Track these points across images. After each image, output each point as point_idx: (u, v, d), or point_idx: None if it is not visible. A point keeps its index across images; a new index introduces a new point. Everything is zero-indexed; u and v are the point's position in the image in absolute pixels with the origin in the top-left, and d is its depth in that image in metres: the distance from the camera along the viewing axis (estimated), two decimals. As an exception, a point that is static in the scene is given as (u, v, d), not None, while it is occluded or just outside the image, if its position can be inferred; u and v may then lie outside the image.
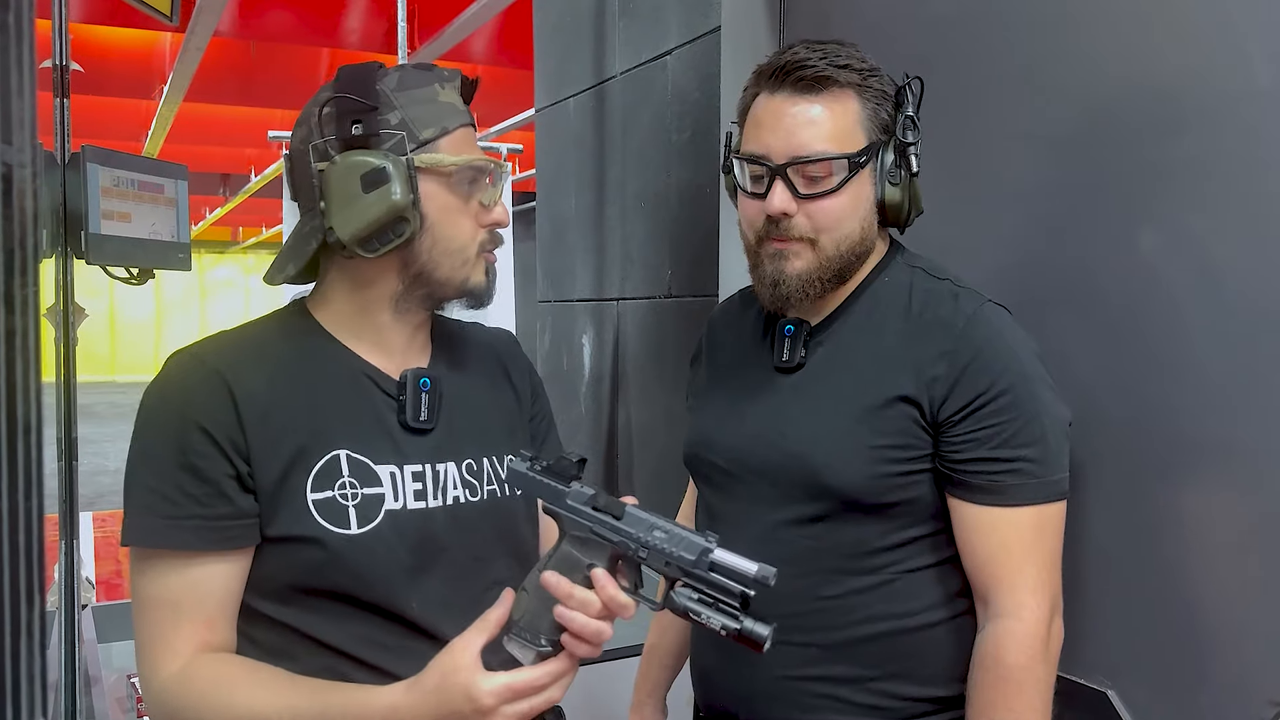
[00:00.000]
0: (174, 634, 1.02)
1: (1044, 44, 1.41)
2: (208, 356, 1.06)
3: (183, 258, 1.91)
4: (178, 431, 1.02)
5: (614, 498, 0.96)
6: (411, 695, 0.96)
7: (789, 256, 1.20)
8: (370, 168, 1.04)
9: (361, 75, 1.07)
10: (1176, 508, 1.26)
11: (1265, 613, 1.17)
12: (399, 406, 1.11)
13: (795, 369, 1.26)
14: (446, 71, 1.12)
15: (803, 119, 1.18)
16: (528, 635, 0.96)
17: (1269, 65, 1.15)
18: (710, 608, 0.90)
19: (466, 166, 1.09)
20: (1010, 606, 1.15)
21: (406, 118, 1.07)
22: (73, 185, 1.68)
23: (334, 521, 1.04)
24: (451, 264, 1.10)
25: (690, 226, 2.37)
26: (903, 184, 1.22)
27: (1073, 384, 1.35)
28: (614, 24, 2.71)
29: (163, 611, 1.02)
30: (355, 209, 1.04)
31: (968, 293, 1.22)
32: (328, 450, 1.06)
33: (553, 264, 3.06)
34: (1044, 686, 1.15)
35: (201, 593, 1.03)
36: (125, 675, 1.85)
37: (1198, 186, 1.22)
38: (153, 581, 1.03)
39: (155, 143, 8.45)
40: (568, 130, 2.96)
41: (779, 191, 1.18)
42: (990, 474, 1.15)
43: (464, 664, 0.95)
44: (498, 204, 1.12)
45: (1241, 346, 1.18)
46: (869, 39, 1.36)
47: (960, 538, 1.19)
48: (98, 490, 8.71)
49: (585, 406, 2.92)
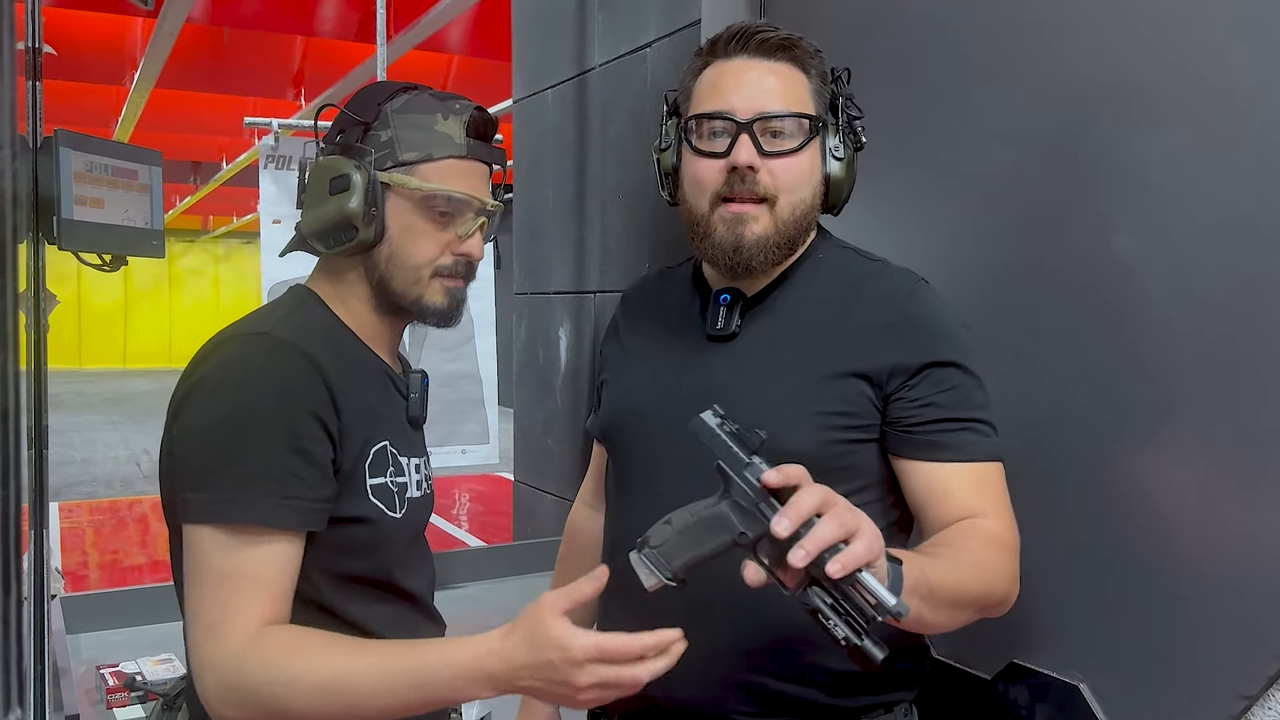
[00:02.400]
0: (251, 606, 1.02)
1: (1021, 43, 1.42)
2: (288, 337, 1.10)
3: (156, 245, 1.89)
4: (288, 416, 1.05)
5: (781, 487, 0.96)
6: (505, 644, 0.97)
7: (747, 221, 1.20)
8: (338, 173, 1.13)
9: (375, 92, 1.18)
10: (1150, 502, 1.27)
11: (1236, 607, 1.18)
12: (409, 403, 1.23)
13: (729, 338, 1.26)
14: (459, 104, 1.19)
15: (768, 80, 1.21)
16: (660, 559, 0.99)
17: (1245, 64, 1.17)
18: (839, 615, 0.92)
19: (438, 194, 1.15)
20: (998, 524, 1.17)
21: (395, 138, 1.15)
22: (45, 170, 1.65)
23: (387, 505, 1.14)
24: (405, 279, 1.17)
25: (668, 220, 2.37)
26: (846, 160, 1.25)
27: (1048, 380, 1.37)
28: (593, 15, 2.71)
29: (240, 585, 1.02)
30: (317, 207, 1.15)
31: (903, 271, 1.27)
32: (379, 440, 1.15)
33: (529, 256, 3.05)
34: (1006, 577, 1.15)
35: (277, 568, 1.05)
36: (94, 666, 1.82)
37: (1174, 184, 1.24)
38: (233, 555, 1.03)
39: (126, 129, 8.36)
40: (546, 122, 2.95)
41: (745, 145, 1.19)
42: (951, 431, 1.18)
43: (553, 617, 0.96)
44: (471, 238, 1.18)
45: (1216, 343, 1.19)
46: (848, 35, 1.37)
47: (926, 501, 1.19)
48: (64, 480, 8.61)
49: (561, 400, 2.92)
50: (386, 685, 0.99)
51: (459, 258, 1.18)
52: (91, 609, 2.12)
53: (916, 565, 1.03)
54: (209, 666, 1.02)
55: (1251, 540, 1.16)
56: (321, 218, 1.14)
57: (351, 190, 1.12)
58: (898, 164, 1.30)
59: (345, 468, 1.10)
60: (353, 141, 1.15)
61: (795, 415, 1.19)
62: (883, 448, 1.22)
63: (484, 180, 1.20)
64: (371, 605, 1.14)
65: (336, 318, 1.19)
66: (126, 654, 1.86)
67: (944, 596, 1.07)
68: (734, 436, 0.99)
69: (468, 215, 1.17)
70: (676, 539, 0.99)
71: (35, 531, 1.69)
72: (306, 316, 1.17)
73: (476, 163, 1.18)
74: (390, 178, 1.14)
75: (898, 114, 1.30)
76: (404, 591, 1.19)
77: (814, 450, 1.18)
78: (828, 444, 1.19)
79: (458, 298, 1.20)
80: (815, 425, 1.19)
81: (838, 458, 1.19)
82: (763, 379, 1.22)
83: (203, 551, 1.04)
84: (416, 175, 1.15)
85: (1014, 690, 1.43)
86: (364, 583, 1.14)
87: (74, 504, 7.78)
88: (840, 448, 1.19)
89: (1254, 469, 1.16)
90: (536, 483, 3.10)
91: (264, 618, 1.03)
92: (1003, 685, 1.44)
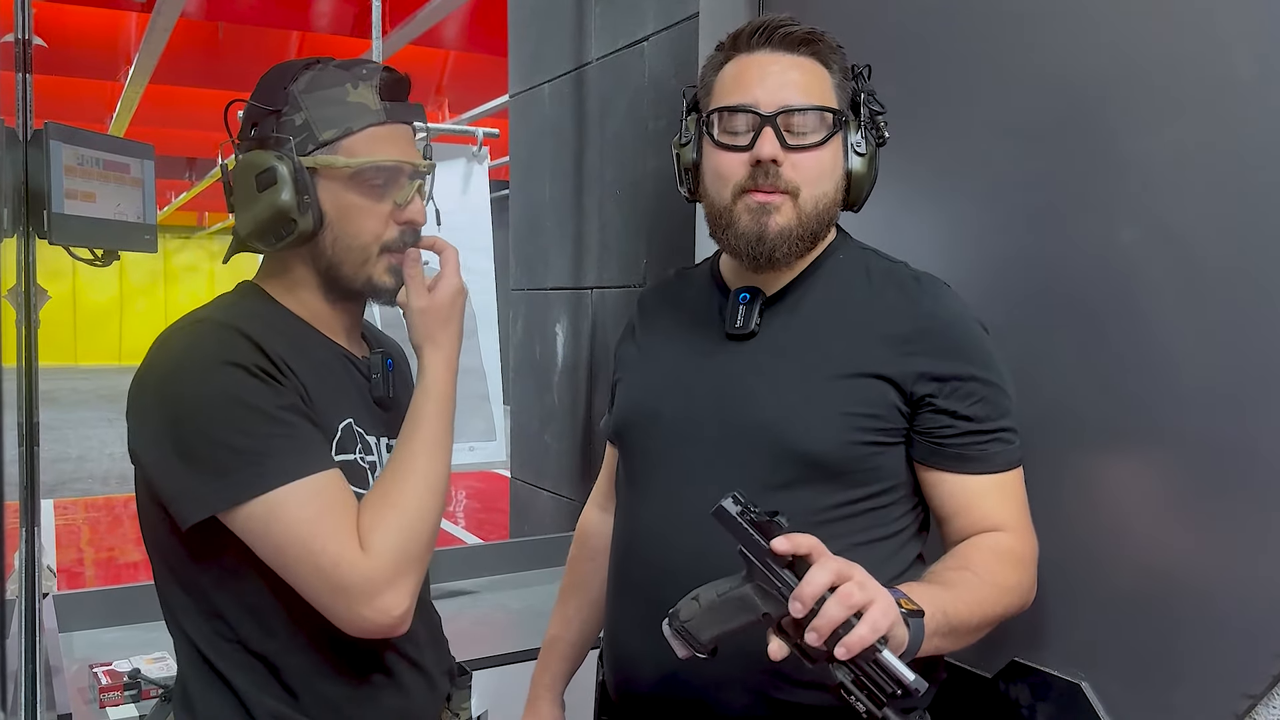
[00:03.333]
0: (346, 525, 1.03)
1: (1023, 36, 1.40)
2: (237, 323, 1.08)
3: (148, 239, 1.87)
4: (261, 384, 1.03)
5: (807, 564, 0.99)
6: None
7: (770, 211, 1.19)
8: (262, 169, 1.09)
9: (275, 77, 1.13)
10: (1152, 501, 1.26)
11: (1239, 605, 1.17)
12: (371, 384, 1.21)
13: (748, 336, 1.25)
14: (366, 69, 1.14)
15: (792, 73, 1.20)
16: (690, 632, 1.04)
17: (1249, 56, 1.15)
18: (860, 689, 0.95)
19: (368, 166, 1.11)
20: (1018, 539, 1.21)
21: (310, 119, 1.10)
22: (35, 163, 1.63)
23: (356, 483, 1.11)
24: (354, 261, 1.14)
25: (667, 215, 2.36)
26: (869, 156, 1.24)
27: (1050, 377, 1.36)
28: (590, 9, 2.69)
29: (323, 516, 1.02)
30: (250, 207, 1.11)
31: (927, 275, 1.26)
32: (342, 417, 1.14)
33: (526, 252, 3.04)
34: (1024, 591, 1.19)
35: (339, 485, 1.06)
36: (87, 665, 1.81)
37: (1178, 179, 1.22)
38: (298, 508, 1.01)
39: (121, 124, 8.32)
40: (543, 116, 2.94)
41: (769, 138, 1.18)
42: (981, 444, 1.19)
43: None
44: (411, 203, 1.15)
45: (1221, 341, 1.18)
46: (847, 28, 1.35)
47: (953, 512, 1.22)
48: (59, 477, 8.60)
49: (559, 396, 2.90)
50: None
51: (404, 227, 1.15)
52: (84, 607, 2.11)
53: (939, 606, 1.06)
54: (368, 591, 1.02)
55: (1255, 538, 1.15)
56: (255, 217, 1.10)
57: (280, 183, 1.08)
58: (898, 159, 1.29)
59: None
60: (268, 132, 1.10)
61: (819, 416, 1.19)
62: (907, 452, 1.22)
63: (410, 141, 1.17)
64: None
65: (285, 309, 1.17)
66: (119, 652, 1.85)
67: (966, 628, 1.11)
68: (754, 525, 1.01)
69: (401, 181, 1.14)
70: (705, 615, 1.04)
71: (26, 529, 1.67)
72: (248, 307, 1.15)
73: (398, 125, 1.15)
74: (315, 161, 1.10)
75: (897, 109, 1.28)
76: None
77: (837, 451, 1.18)
78: (851, 445, 1.18)
79: (402, 274, 1.17)
80: (839, 426, 1.18)
81: (860, 460, 1.19)
82: (785, 379, 1.21)
83: (271, 519, 1.01)
84: (341, 152, 1.11)
85: (1016, 689, 1.42)
86: None
87: (69, 501, 7.76)
88: (863, 449, 1.19)
89: (1256, 466, 1.15)
90: (533, 480, 3.09)
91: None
92: (1004, 684, 1.43)
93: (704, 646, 1.04)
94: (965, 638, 1.13)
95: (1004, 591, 1.16)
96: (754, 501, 1.01)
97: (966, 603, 1.11)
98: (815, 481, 1.18)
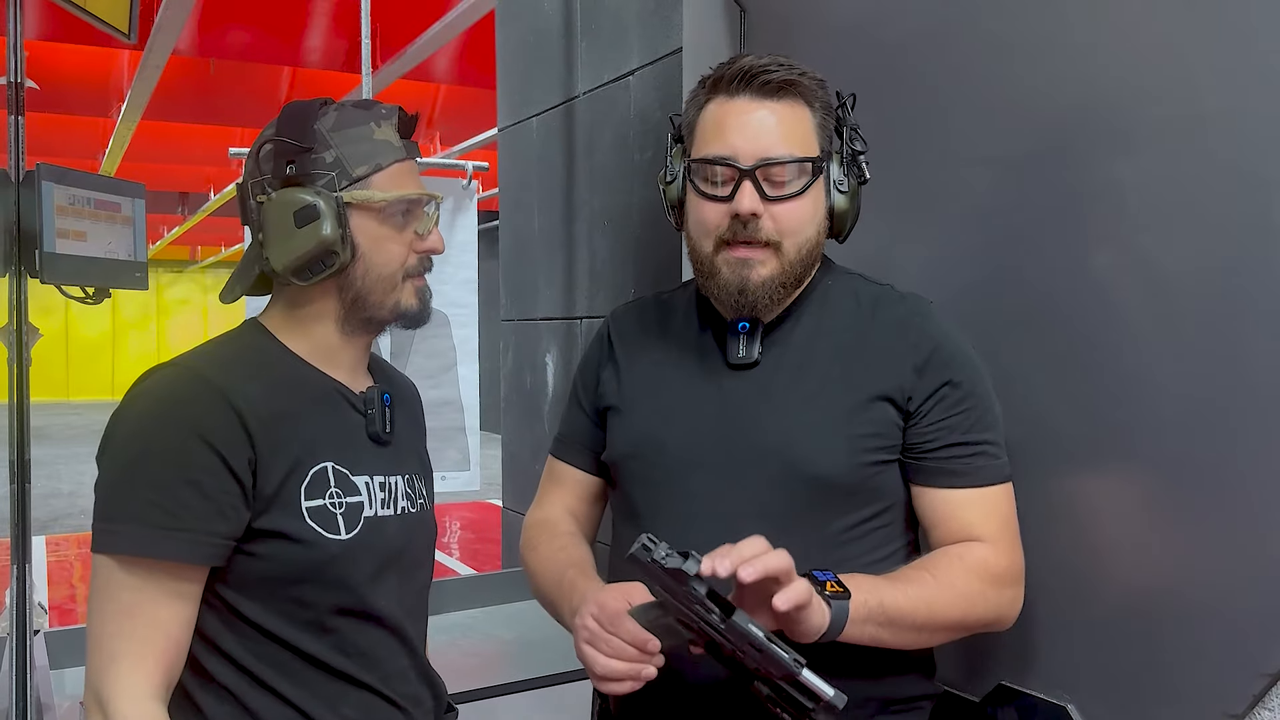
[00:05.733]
0: (148, 655, 1.08)
1: (998, 67, 1.43)
2: (204, 371, 1.12)
3: (139, 276, 1.89)
4: (182, 446, 1.07)
5: (723, 598, 1.04)
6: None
7: (754, 265, 1.21)
8: (303, 205, 1.13)
9: (300, 115, 1.16)
10: (1134, 523, 1.28)
11: (1221, 626, 1.18)
12: (367, 420, 1.22)
13: (750, 366, 1.26)
14: (384, 109, 1.20)
15: (769, 122, 1.20)
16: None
17: (1216, 87, 1.18)
18: (784, 702, 1.03)
19: (398, 200, 1.17)
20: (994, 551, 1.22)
21: (341, 156, 1.15)
22: (27, 203, 1.66)
23: (326, 528, 1.12)
24: (382, 289, 1.19)
25: (654, 245, 2.38)
26: (850, 192, 1.26)
27: (1029, 401, 1.37)
28: (576, 44, 2.73)
29: (138, 624, 1.08)
30: (288, 242, 1.14)
31: (913, 295, 1.30)
32: (317, 462, 1.14)
33: (516, 282, 3.06)
34: (991, 601, 1.21)
35: (173, 610, 1.08)
36: (78, 702, 1.81)
37: (1150, 205, 1.25)
38: (130, 592, 1.07)
39: (113, 161, 8.35)
40: (531, 149, 2.96)
41: (748, 192, 1.19)
42: (963, 458, 1.22)
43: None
44: (432, 232, 1.21)
45: (1195, 360, 1.20)
46: (828, 61, 1.38)
47: (934, 523, 1.24)
48: (51, 514, 8.54)
49: (549, 426, 2.91)
50: None
51: (423, 255, 1.21)
52: (76, 644, 2.10)
53: (875, 595, 1.10)
54: (108, 699, 1.07)
55: (1236, 559, 1.17)
56: (295, 251, 1.13)
57: (322, 218, 1.12)
58: (876, 187, 1.31)
59: (268, 491, 1.09)
60: (306, 170, 1.14)
61: (827, 440, 1.21)
62: (902, 470, 1.24)
63: (418, 174, 1.24)
64: (341, 634, 1.14)
65: (283, 346, 1.20)
66: (111, 689, 1.84)
67: (908, 621, 1.13)
68: (665, 563, 1.04)
69: (419, 212, 1.20)
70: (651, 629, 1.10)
71: (18, 566, 1.67)
72: (241, 349, 1.19)
73: (411, 160, 1.22)
74: (352, 195, 1.15)
75: (875, 138, 1.31)
76: (360, 610, 1.15)
77: (846, 474, 1.21)
78: (859, 467, 1.21)
79: (425, 297, 1.23)
80: (847, 449, 1.21)
81: (867, 480, 1.22)
82: (791, 405, 1.24)
83: (102, 581, 1.08)
84: (374, 187, 1.16)
85: (1003, 713, 1.43)
86: (335, 612, 1.13)
87: (61, 537, 7.71)
88: (870, 470, 1.22)
89: (1236, 486, 1.17)
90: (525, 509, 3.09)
91: (158, 674, 1.07)
92: (991, 708, 1.44)
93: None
94: (910, 633, 1.15)
95: (961, 596, 1.17)
96: (666, 542, 1.05)
97: (910, 597, 1.13)
98: (825, 504, 1.21)
